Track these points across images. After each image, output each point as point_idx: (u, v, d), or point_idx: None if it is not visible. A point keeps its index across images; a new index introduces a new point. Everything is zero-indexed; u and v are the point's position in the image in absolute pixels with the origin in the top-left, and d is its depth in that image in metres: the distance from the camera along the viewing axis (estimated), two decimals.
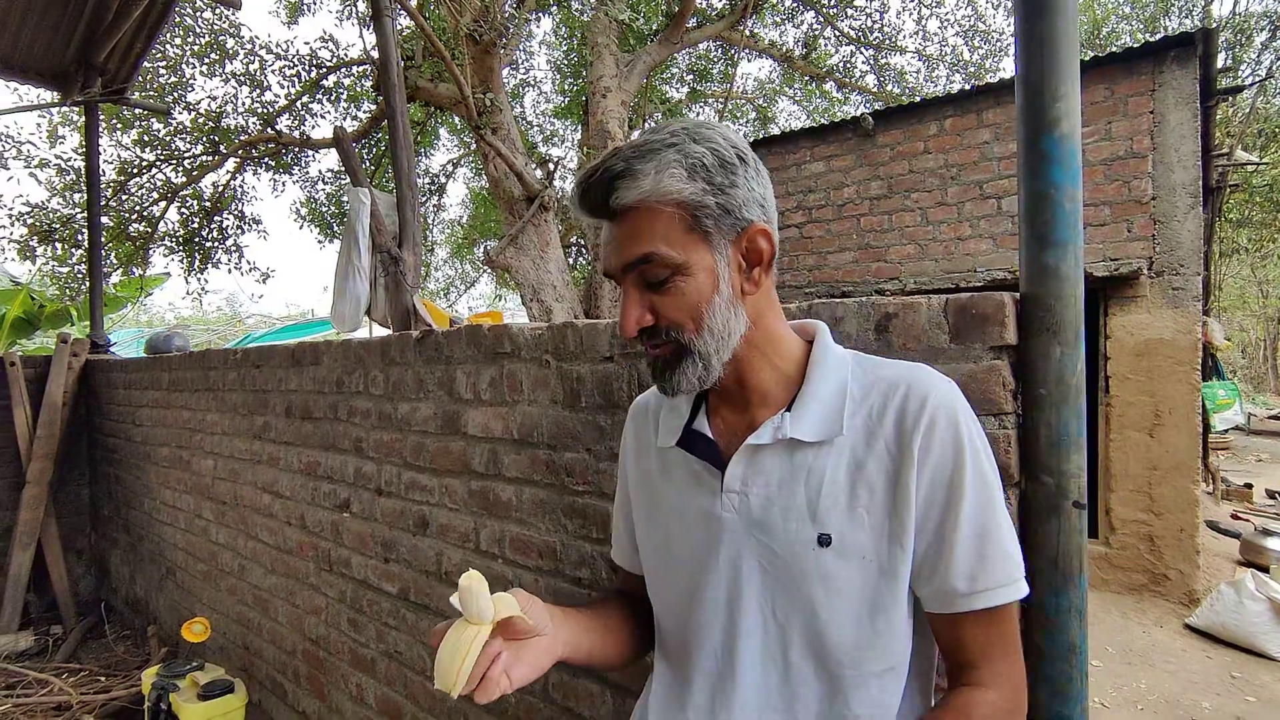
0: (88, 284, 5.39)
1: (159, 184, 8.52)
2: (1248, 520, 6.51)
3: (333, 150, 8.48)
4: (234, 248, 9.16)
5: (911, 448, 0.76)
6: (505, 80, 8.09)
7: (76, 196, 7.96)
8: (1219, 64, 5.47)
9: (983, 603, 0.75)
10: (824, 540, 0.78)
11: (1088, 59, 4.74)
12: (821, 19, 9.18)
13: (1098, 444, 4.78)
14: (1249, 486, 7.83)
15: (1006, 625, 0.78)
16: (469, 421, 1.81)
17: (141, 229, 8.53)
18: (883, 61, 9.71)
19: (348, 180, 2.65)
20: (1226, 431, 9.50)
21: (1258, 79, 10.62)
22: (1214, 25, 4.90)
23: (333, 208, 9.83)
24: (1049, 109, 0.99)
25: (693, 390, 0.81)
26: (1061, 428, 1.00)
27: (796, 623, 0.80)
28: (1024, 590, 0.77)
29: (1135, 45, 4.67)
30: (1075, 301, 1.00)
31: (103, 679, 3.20)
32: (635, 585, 1.04)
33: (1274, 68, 10.91)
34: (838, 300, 1.15)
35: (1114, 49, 5.40)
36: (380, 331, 2.90)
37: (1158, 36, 4.72)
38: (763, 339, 0.82)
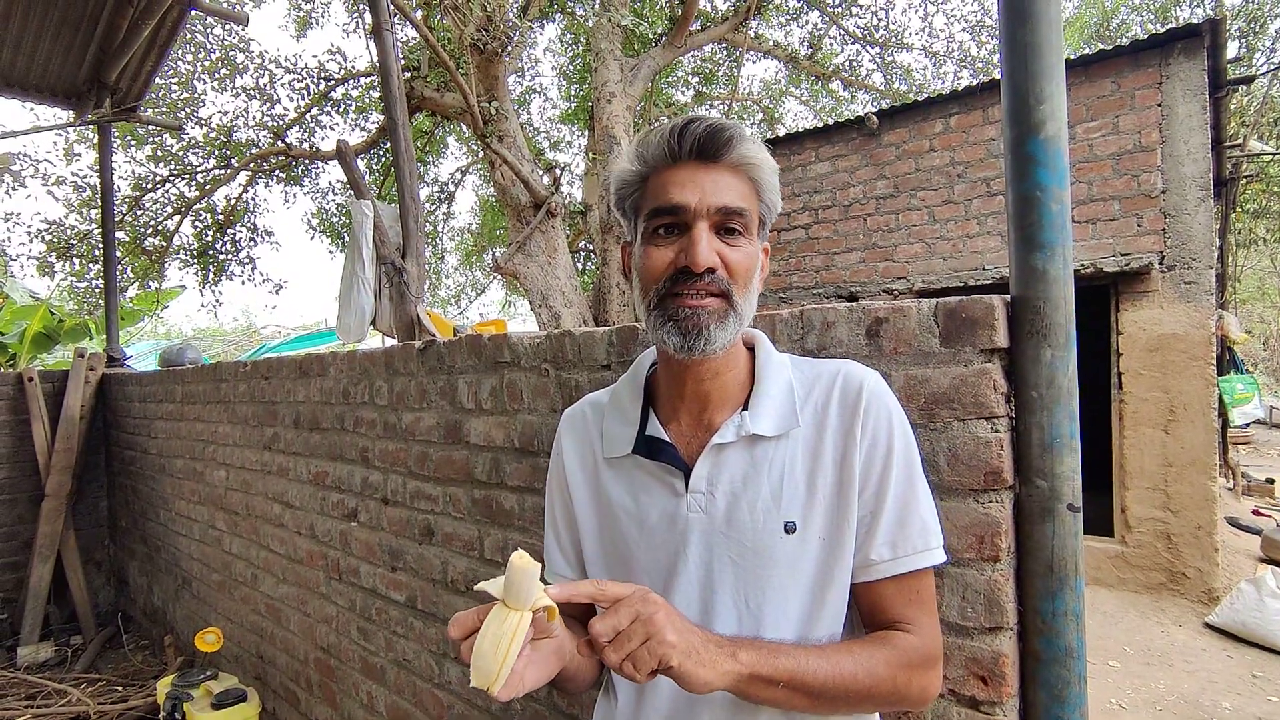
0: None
1: (173, 198, 8.65)
2: (1269, 516, 6.40)
3: None
4: (247, 259, 9.28)
5: (854, 430, 0.84)
6: (511, 88, 8.14)
7: (93, 212, 8.10)
8: (1231, 53, 5.40)
9: (902, 568, 0.82)
10: (789, 527, 0.83)
11: (1093, 53, 4.71)
12: (826, 18, 9.15)
13: (1111, 441, 4.73)
14: (1270, 482, 7.70)
15: (923, 587, 0.85)
16: (471, 431, 1.83)
17: (156, 243, 8.66)
18: (889, 59, 9.67)
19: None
20: (1247, 426, 9.35)
21: (1272, 67, 10.46)
22: (1224, 15, 4.84)
23: (343, 218, 9.92)
24: (1034, 112, 0.99)
25: (718, 351, 0.82)
26: (1054, 430, 1.00)
27: (768, 608, 0.84)
28: (939, 558, 0.84)
29: (1142, 38, 4.62)
30: (1065, 304, 1.00)
31: (120, 689, 3.25)
32: (577, 608, 0.97)
33: None
34: (829, 306, 1.15)
35: (1123, 41, 5.35)
36: (388, 342, 2.93)
37: (1167, 28, 4.67)
38: (738, 341, 0.90)
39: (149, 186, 8.31)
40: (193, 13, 4.31)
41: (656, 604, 0.70)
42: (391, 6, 3.24)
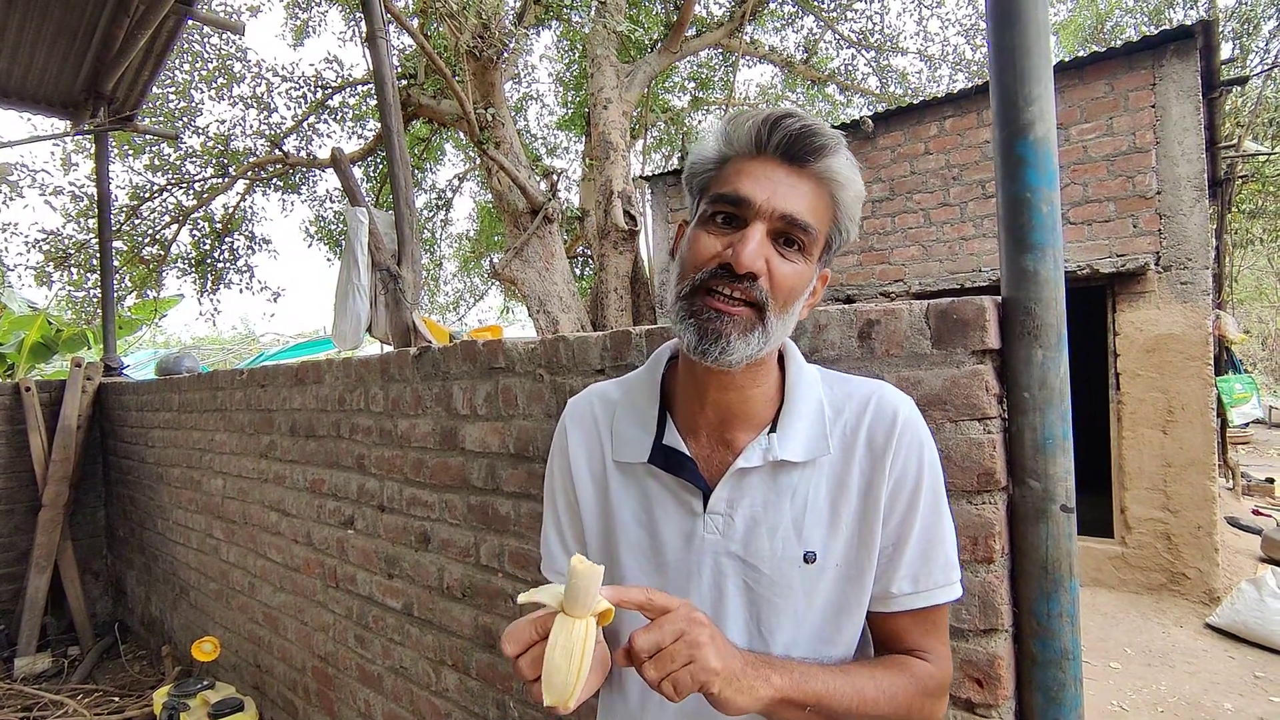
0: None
1: (170, 207, 8.66)
2: (1269, 516, 6.39)
3: None
4: (245, 268, 9.28)
5: (884, 461, 0.80)
6: (508, 95, 8.14)
7: (90, 222, 8.10)
8: (1225, 54, 5.43)
9: (922, 602, 0.81)
10: (809, 557, 0.80)
11: (1087, 55, 4.72)
12: (821, 23, 9.19)
13: (1110, 442, 4.73)
14: (1270, 481, 7.70)
15: (940, 618, 0.85)
16: (466, 437, 1.82)
17: (154, 252, 8.66)
18: (884, 63, 9.71)
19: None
20: (1246, 426, 9.35)
21: (1266, 68, 10.50)
22: (1216, 16, 4.87)
23: (340, 225, 9.93)
24: (1022, 114, 1.00)
25: (736, 366, 0.76)
26: (1047, 431, 1.00)
27: (780, 635, 0.82)
28: (958, 593, 0.83)
29: (1135, 40, 4.64)
30: (1056, 304, 1.00)
31: (116, 699, 3.23)
32: None
33: None
34: (821, 309, 1.15)
35: (1116, 43, 5.38)
36: (385, 349, 2.92)
37: (1160, 29, 4.69)
38: (769, 357, 0.84)
39: (147, 195, 8.32)
40: (189, 22, 4.33)
41: (702, 624, 0.68)
42: (387, 14, 3.25)
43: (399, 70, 7.35)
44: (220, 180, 8.50)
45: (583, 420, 0.95)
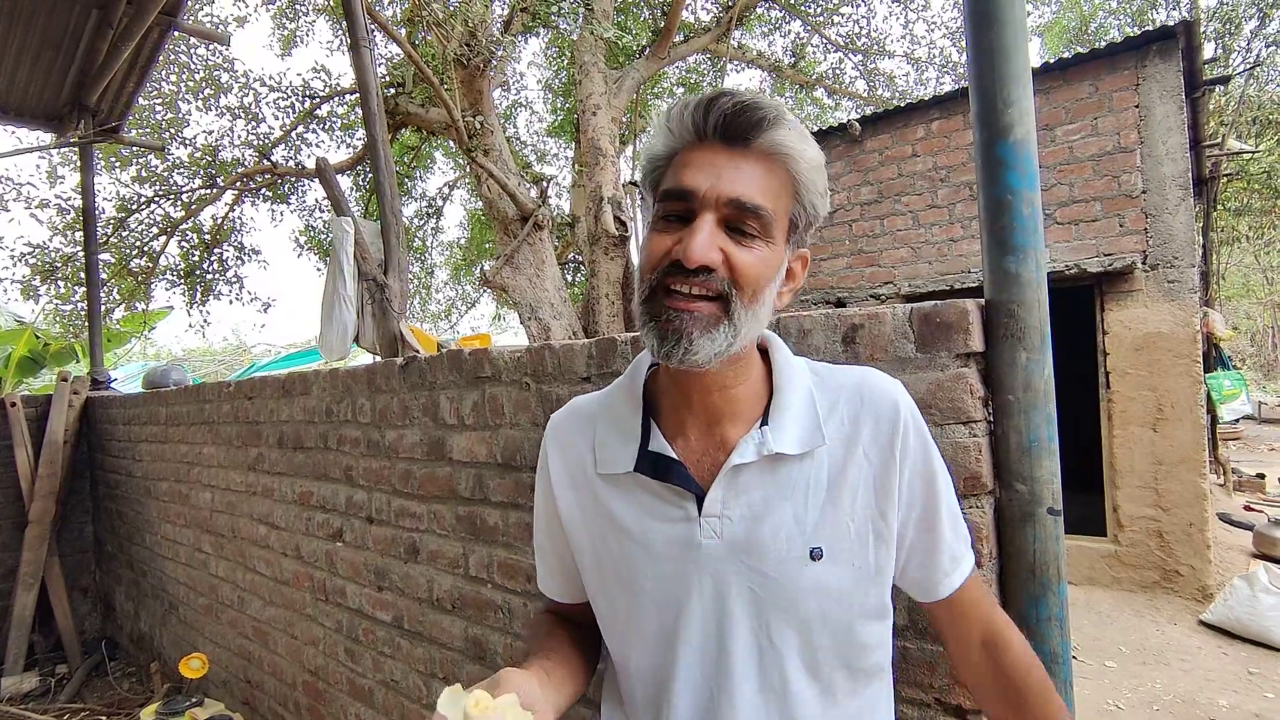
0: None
1: (158, 219, 8.60)
2: (1260, 511, 6.42)
3: None
4: (234, 279, 9.23)
5: (894, 451, 0.78)
6: (497, 102, 8.14)
7: (77, 234, 8.04)
8: (1207, 54, 5.47)
9: (965, 570, 0.83)
10: (816, 554, 0.76)
11: (1070, 56, 4.76)
12: (808, 28, 9.24)
13: (1101, 440, 4.75)
14: (1261, 477, 7.74)
15: (978, 577, 0.87)
16: (454, 447, 1.81)
17: (143, 264, 8.60)
18: (871, 66, 9.77)
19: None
20: (1236, 422, 9.39)
21: (1248, 67, 10.62)
22: (1199, 17, 4.91)
23: (330, 234, 9.88)
24: (1002, 116, 0.99)
25: (705, 365, 0.72)
26: (1032, 434, 0.99)
27: (793, 642, 0.77)
28: (973, 558, 0.86)
29: (1118, 41, 4.67)
30: (1039, 306, 0.99)
31: (104, 718, 3.19)
32: (572, 610, 0.95)
33: (1261, 55, 10.91)
34: (804, 314, 1.15)
35: (1100, 45, 5.42)
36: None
37: (1142, 30, 4.73)
38: (749, 349, 0.80)
39: (134, 207, 8.27)
40: (174, 34, 4.31)
41: None
42: (372, 24, 3.25)
43: (387, 79, 7.34)
44: (208, 191, 8.46)
45: (562, 437, 0.91)
